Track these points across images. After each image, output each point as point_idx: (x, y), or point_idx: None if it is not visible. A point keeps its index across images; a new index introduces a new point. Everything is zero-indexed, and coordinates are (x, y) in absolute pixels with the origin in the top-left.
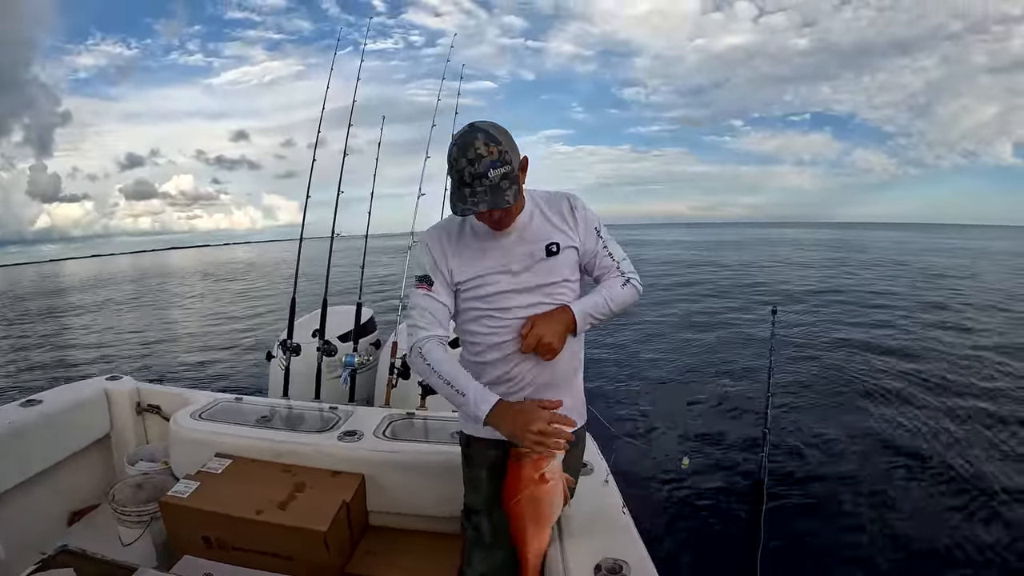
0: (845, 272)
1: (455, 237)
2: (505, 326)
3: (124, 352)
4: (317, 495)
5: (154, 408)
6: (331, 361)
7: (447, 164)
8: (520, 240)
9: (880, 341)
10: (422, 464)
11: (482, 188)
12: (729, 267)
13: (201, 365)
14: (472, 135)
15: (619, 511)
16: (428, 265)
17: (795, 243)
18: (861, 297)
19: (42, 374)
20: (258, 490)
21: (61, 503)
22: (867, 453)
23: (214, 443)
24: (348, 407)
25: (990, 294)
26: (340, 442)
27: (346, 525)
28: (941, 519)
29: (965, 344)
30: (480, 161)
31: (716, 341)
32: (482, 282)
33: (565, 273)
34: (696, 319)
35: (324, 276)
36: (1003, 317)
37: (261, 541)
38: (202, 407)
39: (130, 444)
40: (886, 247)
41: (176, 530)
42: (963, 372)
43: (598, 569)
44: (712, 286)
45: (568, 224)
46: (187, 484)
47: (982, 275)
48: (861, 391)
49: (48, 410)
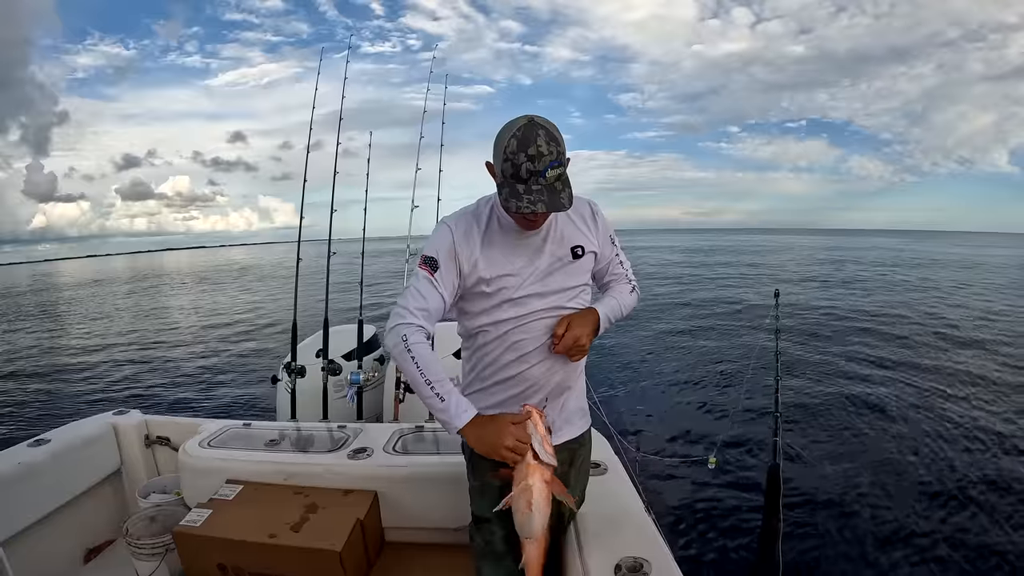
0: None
1: (483, 229)
2: (526, 327)
3: (127, 383)
4: (330, 515)
5: (163, 440)
6: (337, 380)
7: (499, 156)
8: (547, 241)
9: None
10: (434, 476)
11: (538, 187)
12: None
13: (207, 391)
14: (533, 130)
15: (637, 509)
16: (443, 250)
17: (790, 249)
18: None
19: (42, 407)
20: (271, 514)
21: (76, 541)
22: (880, 433)
23: (224, 470)
24: (357, 425)
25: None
26: (350, 460)
27: (361, 543)
28: (965, 490)
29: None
30: (540, 159)
31: (719, 336)
32: (510, 282)
33: (585, 277)
34: (696, 318)
35: (322, 290)
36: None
37: (277, 565)
38: (211, 435)
39: (141, 477)
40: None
41: (191, 560)
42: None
43: (618, 569)
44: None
45: (589, 228)
46: (199, 513)
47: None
48: (864, 370)
49: (57, 448)
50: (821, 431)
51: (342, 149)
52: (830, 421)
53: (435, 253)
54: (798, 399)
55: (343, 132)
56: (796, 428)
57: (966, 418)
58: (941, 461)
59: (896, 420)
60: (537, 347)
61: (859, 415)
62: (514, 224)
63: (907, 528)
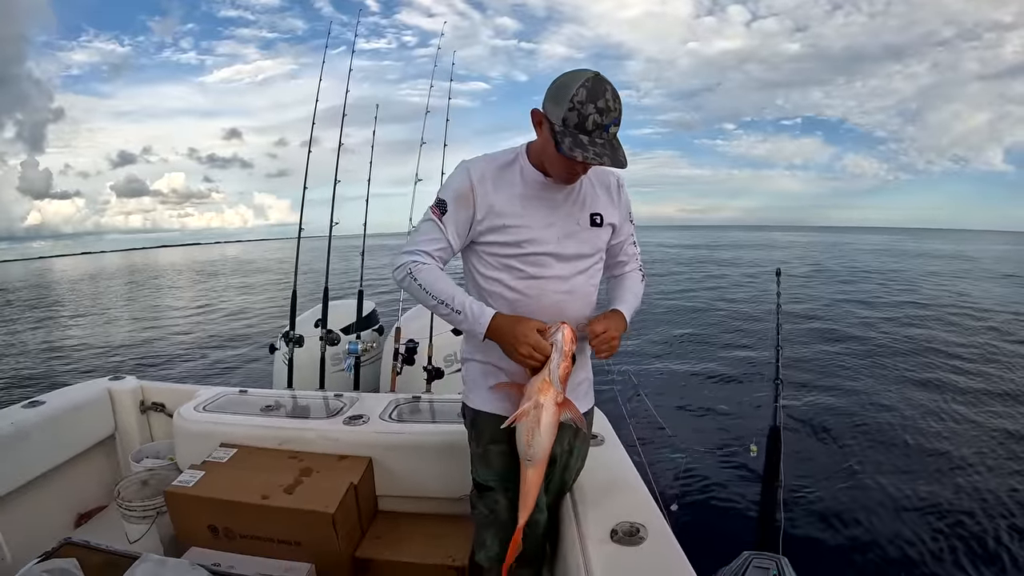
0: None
1: (505, 175)
2: (536, 290)
3: (125, 355)
4: (324, 479)
5: (158, 406)
6: (335, 352)
7: (561, 103)
8: (567, 201)
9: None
10: (430, 444)
11: (601, 141)
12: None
13: (204, 363)
14: (602, 84)
15: (633, 478)
16: (456, 193)
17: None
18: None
19: (42, 380)
20: (264, 477)
21: (67, 505)
22: (874, 398)
23: (219, 434)
24: (353, 394)
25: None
26: (346, 426)
27: (355, 508)
28: (961, 449)
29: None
30: (608, 113)
31: (722, 315)
32: (525, 234)
33: (600, 248)
34: (697, 303)
35: (322, 273)
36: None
37: (268, 527)
38: (206, 400)
39: (135, 443)
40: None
41: (182, 521)
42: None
43: (614, 533)
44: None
45: (612, 200)
46: (192, 474)
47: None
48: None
49: (51, 411)
50: (821, 396)
51: (337, 147)
52: (830, 389)
53: (447, 196)
54: (798, 375)
55: (337, 130)
56: (797, 397)
57: (970, 387)
58: (947, 429)
59: (904, 392)
60: (546, 319)
61: (860, 389)
62: (539, 177)
63: (910, 496)
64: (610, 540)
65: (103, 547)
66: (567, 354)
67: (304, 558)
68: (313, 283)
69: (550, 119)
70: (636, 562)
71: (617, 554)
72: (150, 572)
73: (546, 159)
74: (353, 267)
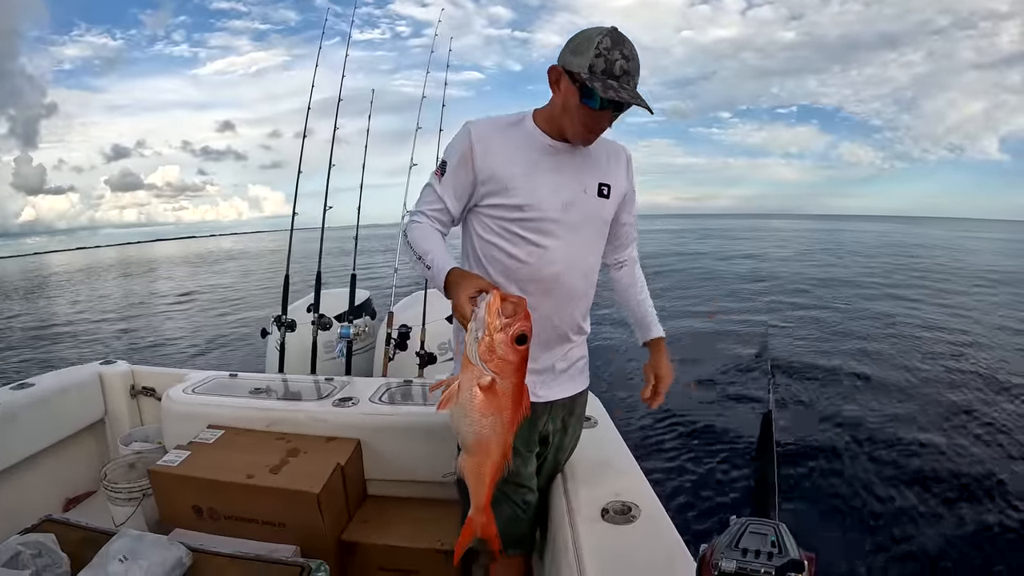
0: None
1: (508, 131)
2: (535, 257)
3: (118, 342)
4: (310, 459)
5: (149, 390)
6: (327, 339)
7: (587, 52)
8: (574, 166)
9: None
10: (419, 427)
11: (628, 87)
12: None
13: (195, 349)
14: (622, 35)
15: (625, 459)
16: (456, 154)
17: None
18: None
19: (32, 364)
20: (250, 457)
21: (55, 489)
22: (860, 370)
23: (206, 415)
24: (344, 378)
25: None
26: (335, 408)
27: (341, 490)
28: (949, 444)
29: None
30: (632, 60)
31: (704, 302)
32: (526, 197)
33: (606, 222)
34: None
35: (314, 263)
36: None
37: (253, 508)
38: (195, 383)
39: (125, 427)
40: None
41: (166, 502)
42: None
43: (605, 512)
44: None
45: (623, 173)
46: (177, 454)
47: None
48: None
49: (40, 394)
50: (812, 385)
51: (331, 137)
52: (821, 379)
53: (448, 157)
54: (790, 356)
55: (332, 120)
56: (787, 382)
57: (963, 364)
58: (939, 407)
59: (891, 372)
60: (544, 289)
61: (853, 372)
62: (546, 140)
63: (901, 478)
64: (601, 519)
65: (82, 524)
66: (493, 327)
67: (289, 540)
68: (309, 272)
69: (573, 71)
70: (627, 540)
71: (607, 532)
72: (126, 547)
73: (566, 116)
74: (342, 264)
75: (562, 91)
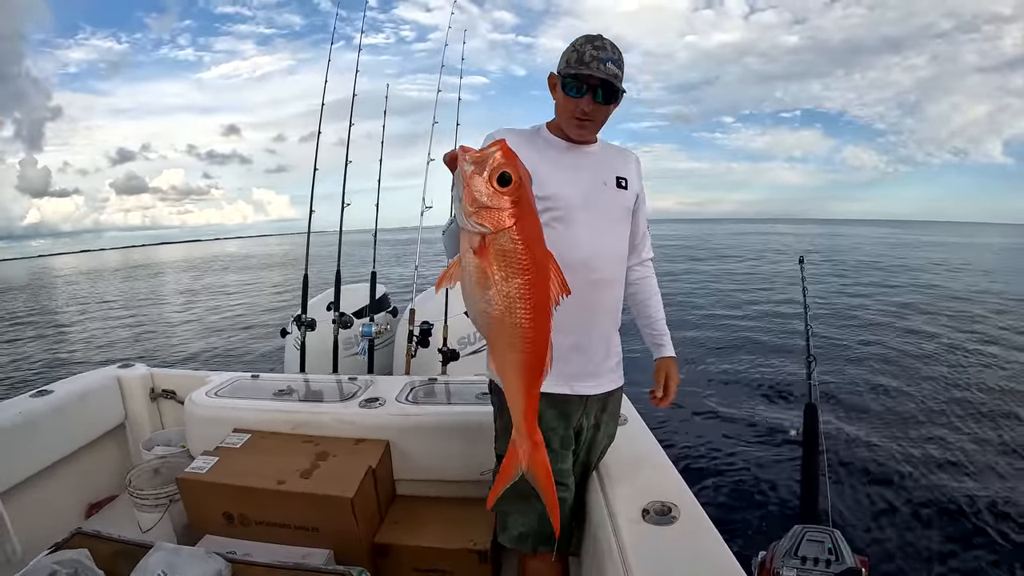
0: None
1: (527, 139)
2: (563, 245)
3: (134, 346)
4: (341, 463)
5: (169, 393)
6: (347, 336)
7: (566, 53)
8: (593, 161)
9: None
10: (448, 426)
11: (600, 68)
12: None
13: (213, 350)
14: (600, 36)
15: (660, 458)
16: None
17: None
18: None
19: (48, 371)
20: (279, 462)
21: (78, 495)
22: (908, 372)
23: (231, 419)
24: (367, 377)
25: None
26: (361, 409)
27: (373, 493)
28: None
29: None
30: (603, 50)
31: (742, 302)
32: (548, 189)
33: (628, 209)
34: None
35: (332, 263)
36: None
37: (285, 513)
38: (217, 386)
39: (146, 431)
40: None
41: (196, 509)
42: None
43: (646, 512)
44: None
45: (633, 175)
46: (205, 460)
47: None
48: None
49: (59, 400)
50: (854, 377)
51: (338, 139)
52: (864, 369)
53: None
54: (828, 350)
55: (339, 123)
56: (830, 375)
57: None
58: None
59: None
60: (573, 273)
61: (893, 363)
62: (561, 143)
63: (955, 464)
64: (642, 519)
65: (115, 537)
66: (466, 174)
67: (322, 544)
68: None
69: (559, 71)
70: (670, 542)
71: (650, 533)
72: (163, 561)
73: (559, 113)
74: (360, 271)
75: (555, 93)
